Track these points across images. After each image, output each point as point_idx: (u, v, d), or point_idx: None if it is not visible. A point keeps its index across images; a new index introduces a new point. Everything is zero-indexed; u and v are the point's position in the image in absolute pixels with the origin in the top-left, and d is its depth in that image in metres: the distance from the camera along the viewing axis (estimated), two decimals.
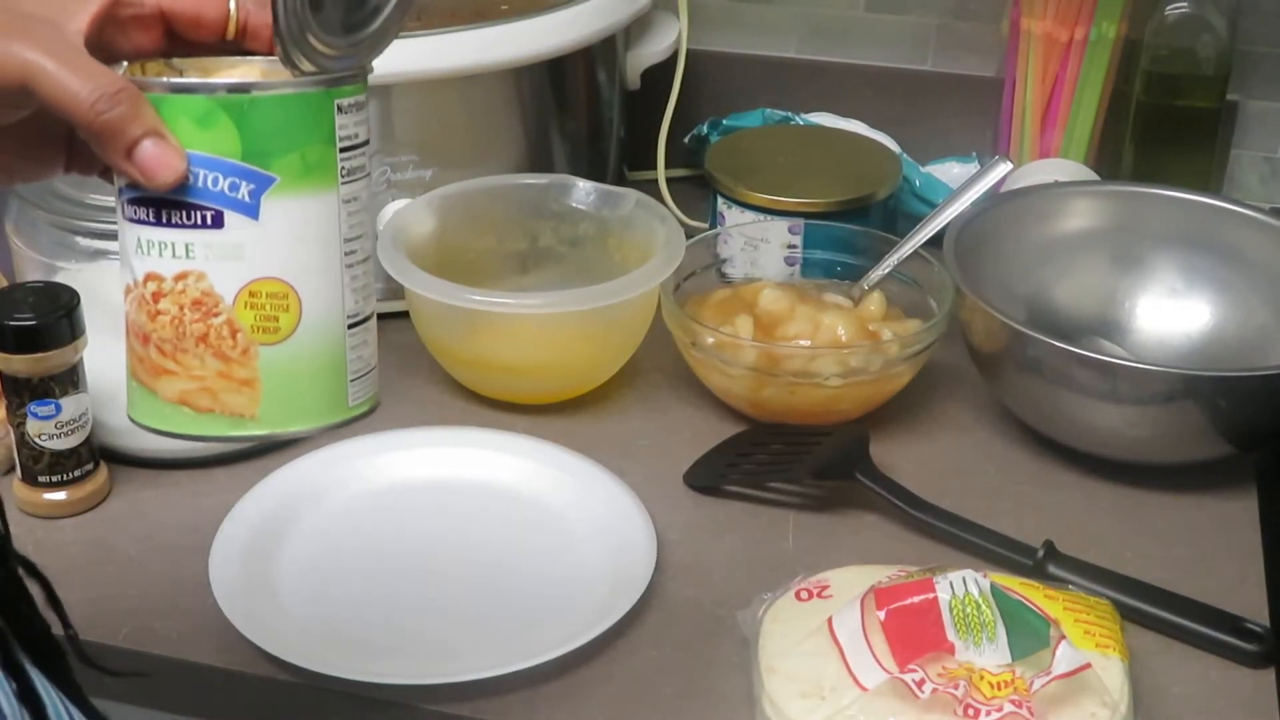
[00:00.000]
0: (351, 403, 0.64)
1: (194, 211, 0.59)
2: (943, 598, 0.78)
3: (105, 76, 0.56)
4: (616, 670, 0.83)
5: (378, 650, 0.84)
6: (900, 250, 1.08)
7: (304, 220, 0.60)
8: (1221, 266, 1.08)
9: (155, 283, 0.60)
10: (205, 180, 0.58)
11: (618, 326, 1.06)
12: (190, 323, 0.60)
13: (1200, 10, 1.21)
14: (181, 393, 0.61)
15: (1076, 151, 1.29)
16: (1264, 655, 0.84)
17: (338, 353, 0.62)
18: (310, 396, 0.62)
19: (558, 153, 1.24)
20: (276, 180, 0.59)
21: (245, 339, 0.60)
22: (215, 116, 0.58)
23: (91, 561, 0.91)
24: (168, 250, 0.59)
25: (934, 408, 1.07)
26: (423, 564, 0.91)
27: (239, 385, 0.60)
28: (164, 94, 0.58)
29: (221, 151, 0.58)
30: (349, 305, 0.62)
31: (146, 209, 0.59)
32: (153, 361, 0.61)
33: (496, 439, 1.01)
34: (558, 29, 1.17)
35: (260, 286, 0.59)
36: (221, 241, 0.59)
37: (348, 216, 0.61)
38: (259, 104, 0.58)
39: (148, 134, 0.57)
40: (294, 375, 0.61)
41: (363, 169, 0.62)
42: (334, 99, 0.60)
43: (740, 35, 1.42)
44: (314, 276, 0.61)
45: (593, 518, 0.94)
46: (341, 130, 0.61)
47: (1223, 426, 0.94)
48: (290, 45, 0.58)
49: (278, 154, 0.59)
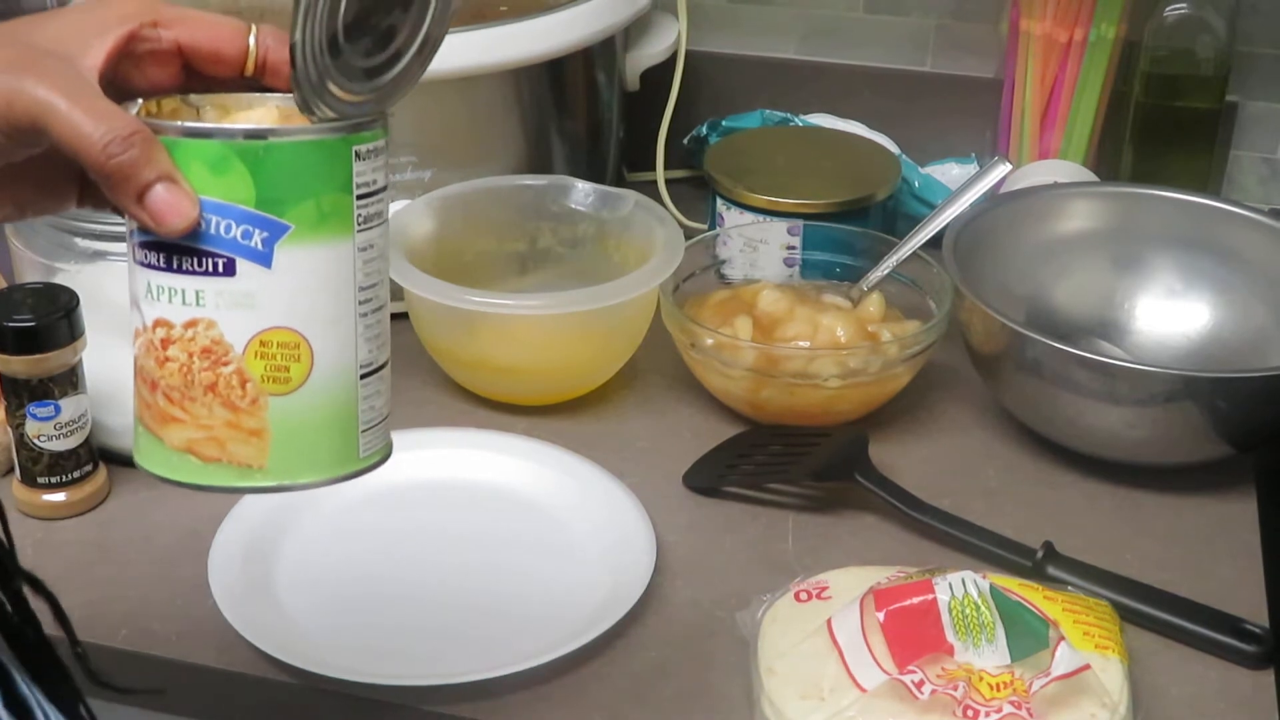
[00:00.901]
0: (363, 454, 0.62)
1: (205, 258, 0.57)
2: (942, 599, 0.78)
3: (118, 118, 0.55)
4: (616, 671, 0.83)
5: (377, 651, 0.84)
6: (899, 251, 1.08)
7: (318, 269, 0.58)
8: (1220, 267, 1.08)
9: (164, 329, 0.58)
10: (217, 227, 0.57)
11: (617, 328, 1.06)
12: (199, 371, 0.58)
13: (1199, 11, 1.21)
14: (188, 441, 0.59)
15: (1075, 152, 1.29)
16: (1263, 656, 0.84)
17: (349, 404, 0.61)
18: (320, 448, 0.61)
19: (557, 154, 1.24)
20: (290, 229, 0.57)
21: (255, 389, 0.58)
22: (229, 162, 0.56)
23: (90, 563, 0.91)
24: (178, 296, 0.58)
25: (933, 409, 1.07)
26: (421, 565, 0.91)
27: (247, 436, 0.59)
28: (178, 138, 0.57)
29: (235, 198, 0.57)
30: (362, 355, 0.61)
31: (157, 254, 0.58)
32: (160, 408, 0.60)
33: (495, 440, 1.01)
34: (557, 30, 1.17)
35: (271, 336, 0.58)
36: (233, 290, 0.57)
37: (363, 265, 0.60)
38: (274, 151, 0.57)
39: (160, 179, 0.56)
40: (304, 427, 0.60)
41: (380, 216, 0.60)
42: (352, 145, 0.58)
43: (739, 36, 1.42)
44: (327, 326, 0.59)
45: (592, 519, 0.94)
46: (359, 177, 0.59)
47: (1222, 427, 0.94)
48: (308, 92, 0.57)
49: (292, 202, 0.57)
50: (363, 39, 0.58)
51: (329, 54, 0.56)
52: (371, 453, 0.63)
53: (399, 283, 1.02)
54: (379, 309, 0.61)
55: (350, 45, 0.57)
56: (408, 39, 0.59)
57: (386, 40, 0.59)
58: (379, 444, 0.63)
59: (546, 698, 0.81)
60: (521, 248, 1.15)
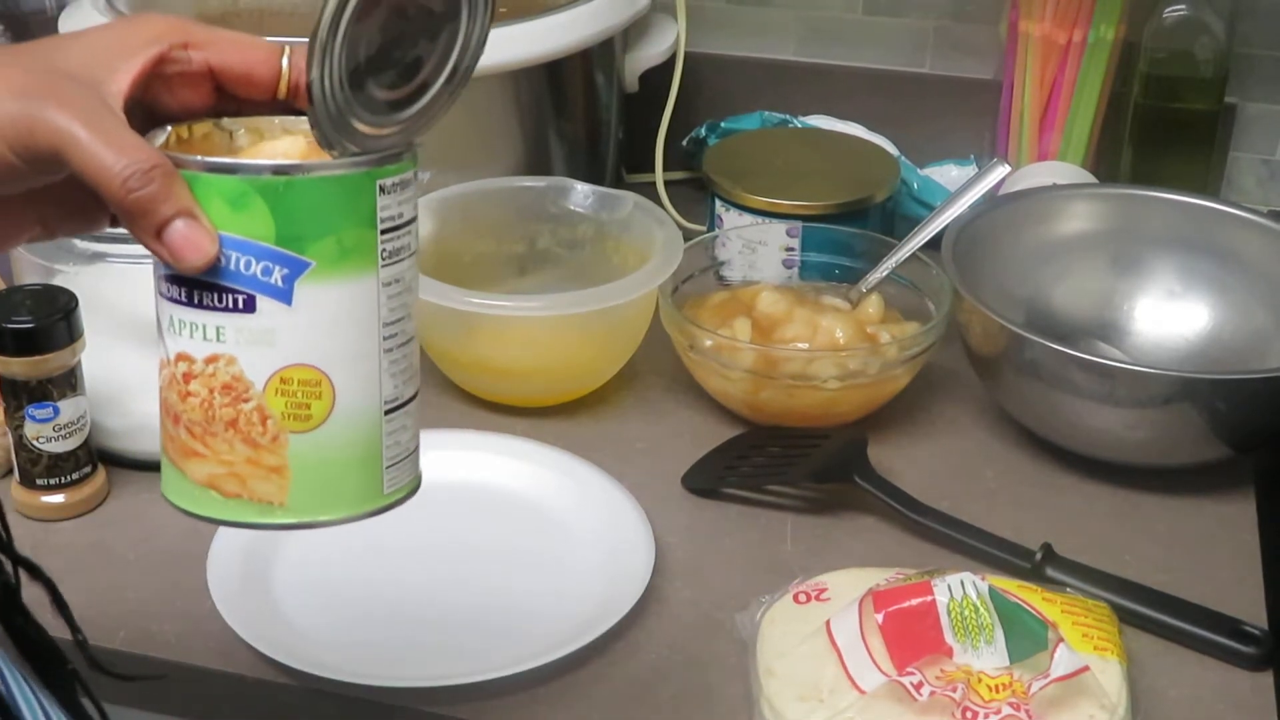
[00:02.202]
0: (387, 490, 0.61)
1: (225, 294, 0.56)
2: (941, 600, 0.78)
3: (139, 151, 0.54)
4: (615, 673, 0.83)
5: (375, 653, 0.84)
6: (898, 253, 1.08)
7: (340, 306, 0.57)
8: (1219, 269, 1.08)
9: (186, 363, 0.58)
10: (237, 263, 0.56)
11: (616, 329, 1.06)
12: (220, 407, 0.57)
13: (1198, 13, 1.21)
14: (210, 476, 0.59)
15: (1075, 154, 1.29)
16: (1262, 658, 0.84)
17: (373, 441, 0.60)
18: (342, 485, 0.60)
19: (556, 155, 1.24)
20: (311, 265, 0.56)
21: (275, 426, 0.58)
22: (249, 199, 0.55)
23: (89, 564, 0.91)
24: (199, 332, 0.57)
25: (932, 410, 1.07)
26: (421, 567, 0.91)
27: (268, 472, 0.58)
28: (198, 172, 0.56)
29: (254, 235, 0.56)
30: (387, 391, 0.60)
31: (179, 288, 0.57)
32: (182, 442, 0.59)
33: (494, 442, 1.01)
34: (556, 31, 1.17)
35: (292, 373, 0.57)
36: (253, 326, 0.56)
37: (388, 300, 0.59)
38: (294, 187, 0.55)
39: (179, 214, 0.55)
40: (325, 464, 0.59)
41: (407, 249, 0.59)
42: (376, 180, 0.57)
43: (738, 38, 1.42)
44: (349, 363, 0.58)
45: (591, 520, 0.94)
46: (384, 211, 0.58)
47: (1221, 429, 0.94)
48: (327, 129, 0.55)
49: (313, 238, 0.56)
50: (386, 72, 0.56)
51: (350, 88, 0.55)
52: (397, 489, 0.62)
53: None
54: (406, 343, 0.60)
55: (373, 79, 0.56)
56: (435, 70, 0.58)
57: (412, 72, 0.58)
58: (405, 478, 0.62)
59: (545, 699, 0.81)
60: (520, 249, 1.15)
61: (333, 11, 0.53)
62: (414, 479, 0.63)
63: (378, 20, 0.55)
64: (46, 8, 1.37)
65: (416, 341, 0.62)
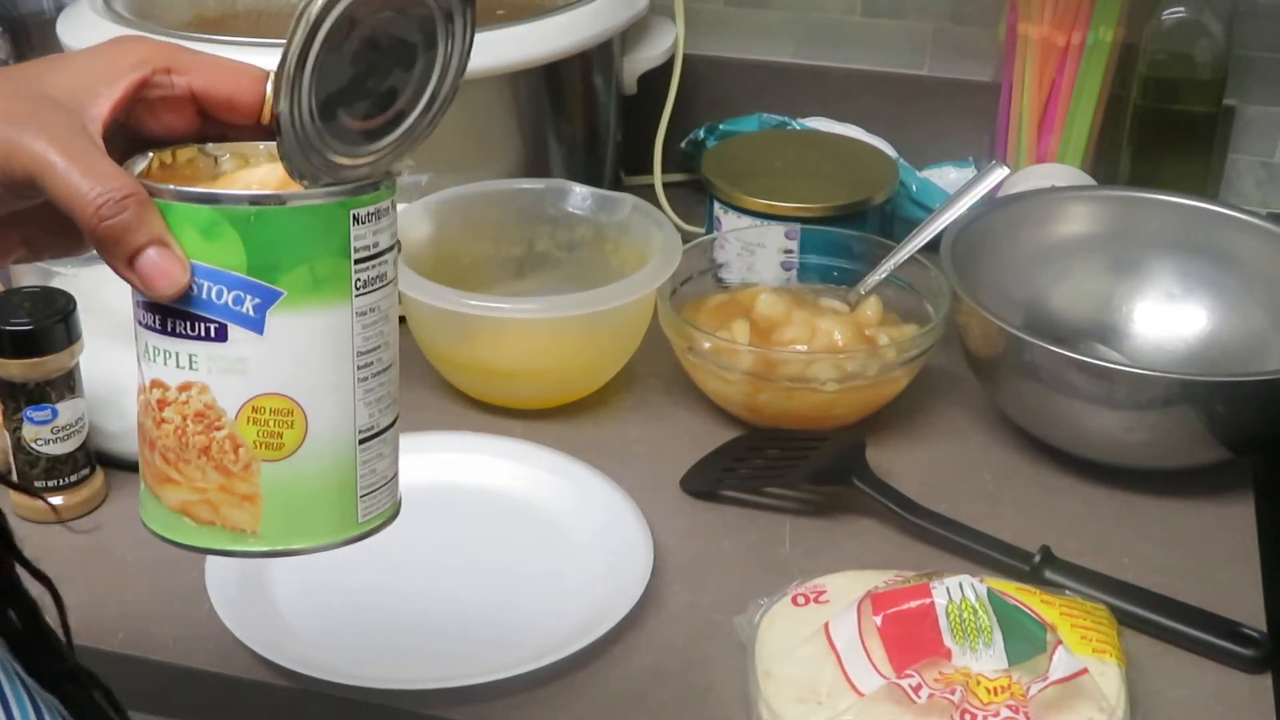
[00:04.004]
0: (361, 519, 0.61)
1: (198, 323, 0.56)
2: (939, 603, 0.78)
3: (113, 179, 0.54)
4: (613, 675, 0.83)
5: (374, 655, 0.84)
6: (897, 255, 1.08)
7: (312, 336, 0.57)
8: (1218, 271, 1.08)
9: (160, 390, 0.58)
10: (209, 292, 0.56)
11: (614, 331, 1.06)
12: (193, 434, 0.57)
13: (1197, 15, 1.21)
14: (183, 502, 0.59)
15: (1073, 156, 1.29)
16: (1261, 660, 0.84)
17: (346, 470, 0.60)
18: (315, 514, 0.60)
19: (554, 157, 1.24)
20: (283, 295, 0.56)
21: (247, 454, 0.57)
22: (220, 228, 0.55)
23: (88, 566, 0.91)
24: (172, 359, 0.57)
25: (931, 413, 1.07)
26: (418, 569, 0.91)
27: (240, 500, 0.58)
28: (171, 201, 0.55)
29: (226, 264, 0.55)
30: (361, 420, 0.59)
31: (153, 315, 0.57)
32: (157, 468, 0.59)
33: (493, 444, 1.01)
34: (554, 34, 1.17)
35: (264, 402, 0.57)
36: (224, 355, 0.56)
37: (362, 329, 0.58)
38: (265, 217, 0.55)
39: (151, 243, 0.55)
40: (298, 493, 0.59)
41: (384, 278, 0.59)
42: (349, 210, 0.57)
43: (737, 40, 1.42)
44: (322, 393, 0.58)
45: (589, 523, 0.94)
46: (357, 241, 0.57)
47: (1219, 431, 0.94)
48: (297, 162, 0.55)
49: (284, 268, 0.56)
50: (360, 102, 0.56)
51: (320, 119, 0.55)
52: (372, 517, 0.61)
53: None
54: (382, 371, 0.60)
55: (345, 109, 0.55)
56: (412, 99, 0.58)
57: (387, 101, 0.57)
58: (381, 507, 0.62)
59: (544, 701, 0.81)
60: (519, 251, 1.15)
61: (300, 43, 0.53)
62: (391, 507, 0.63)
63: (348, 51, 0.54)
64: (45, 9, 1.36)
65: (396, 368, 0.61)
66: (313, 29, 0.53)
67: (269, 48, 1.15)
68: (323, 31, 0.53)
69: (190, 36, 1.14)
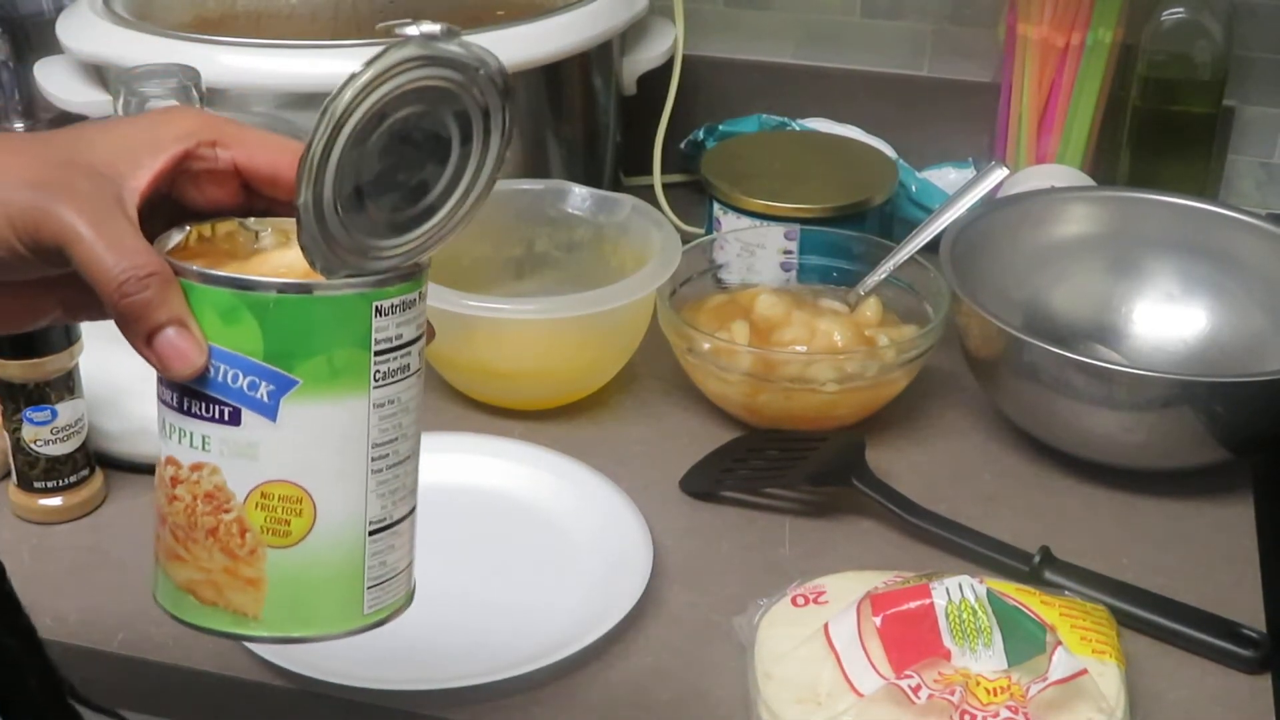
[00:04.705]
0: (367, 610, 0.60)
1: (212, 405, 0.56)
2: (939, 604, 0.78)
3: (139, 255, 0.53)
4: (613, 675, 0.83)
5: (372, 656, 0.84)
6: (896, 256, 1.08)
7: (326, 425, 0.57)
8: (1218, 272, 1.08)
9: (174, 468, 0.58)
10: (225, 375, 0.55)
11: (614, 332, 1.06)
12: (201, 514, 0.57)
13: (1196, 16, 1.21)
14: (189, 581, 0.59)
15: (1073, 157, 1.29)
16: (1260, 661, 0.84)
17: (354, 561, 0.59)
18: (319, 604, 0.59)
19: (554, 158, 1.24)
20: (298, 384, 0.56)
21: (254, 539, 0.57)
22: (239, 313, 0.55)
23: (87, 567, 0.91)
24: (186, 438, 0.57)
25: (930, 413, 1.07)
26: (417, 570, 0.91)
27: (244, 584, 0.58)
28: (193, 282, 0.55)
29: (243, 349, 0.55)
30: (373, 511, 0.59)
31: (171, 393, 0.57)
32: (167, 543, 0.59)
33: (492, 445, 1.01)
34: (554, 34, 1.17)
35: (273, 489, 0.57)
36: (236, 439, 0.56)
37: (379, 421, 0.57)
38: (285, 305, 0.55)
39: (170, 322, 0.54)
40: (303, 581, 0.58)
41: (406, 369, 0.58)
42: (372, 301, 0.56)
43: (736, 41, 1.43)
44: (332, 483, 0.57)
45: (589, 523, 0.94)
46: (379, 333, 0.56)
47: (1219, 432, 0.94)
48: (316, 252, 0.54)
49: (302, 357, 0.55)
50: (388, 194, 0.55)
51: (345, 211, 0.54)
52: (379, 609, 0.61)
53: None
54: (399, 463, 0.59)
55: (373, 201, 0.55)
56: (445, 193, 0.57)
57: (418, 195, 0.56)
58: (390, 598, 0.61)
59: (543, 702, 0.81)
60: (518, 252, 1.15)
61: (325, 137, 0.52)
62: (402, 597, 0.62)
63: (377, 145, 0.53)
64: (44, 10, 1.36)
65: (416, 459, 0.60)
66: (339, 123, 0.52)
67: (269, 48, 1.16)
68: (349, 126, 0.52)
69: (190, 37, 1.14)
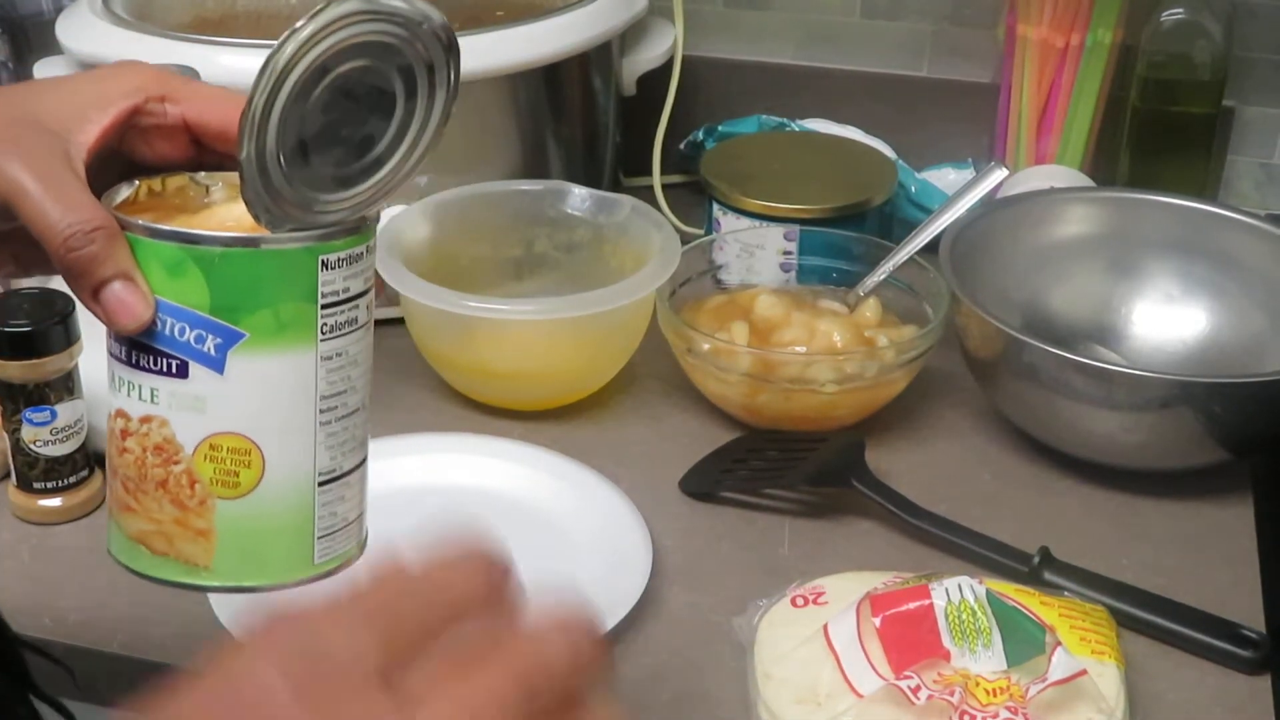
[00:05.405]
0: (317, 560, 0.61)
1: (160, 358, 0.57)
2: (938, 604, 0.78)
3: (85, 210, 0.54)
4: (612, 676, 0.83)
5: None
6: (896, 256, 1.08)
7: (273, 378, 0.57)
8: (1217, 273, 1.08)
9: (123, 420, 0.58)
10: (172, 329, 0.56)
11: (613, 333, 1.06)
12: (151, 466, 0.58)
13: (1196, 16, 1.21)
14: (141, 532, 0.59)
15: (1072, 157, 1.29)
16: (1260, 661, 0.84)
17: (303, 511, 0.60)
18: (269, 553, 0.60)
19: (553, 159, 1.24)
20: (245, 337, 0.56)
21: (203, 491, 0.58)
22: (185, 266, 0.55)
23: (87, 568, 0.91)
24: (135, 391, 0.58)
25: (930, 414, 1.07)
26: None
27: (194, 535, 0.58)
28: (140, 236, 0.56)
29: (189, 302, 0.56)
30: (321, 462, 0.59)
31: (120, 346, 0.58)
32: (119, 495, 0.60)
33: (492, 445, 1.01)
34: (553, 35, 1.17)
35: (221, 440, 0.57)
36: (184, 392, 0.57)
37: (326, 374, 0.58)
38: (230, 258, 0.55)
39: (117, 276, 0.55)
40: (252, 531, 0.59)
41: (354, 322, 0.58)
42: (318, 255, 0.56)
43: (736, 41, 1.42)
44: (280, 434, 0.58)
45: (588, 524, 0.93)
46: (325, 286, 0.57)
47: (1218, 433, 0.94)
48: (259, 205, 0.54)
49: (247, 310, 0.56)
50: (332, 148, 0.55)
51: (289, 165, 0.54)
52: (329, 559, 0.61)
53: (394, 288, 1.02)
54: (348, 415, 0.60)
55: (317, 155, 0.55)
56: (389, 147, 0.57)
57: (363, 149, 0.56)
58: (340, 549, 0.62)
59: None
60: (518, 253, 1.15)
61: (265, 92, 0.52)
62: (353, 548, 0.63)
63: (320, 100, 0.54)
64: (44, 10, 1.36)
65: (364, 412, 0.61)
66: (280, 78, 0.52)
67: (269, 48, 1.15)
68: (291, 80, 0.52)
69: (190, 37, 1.14)
